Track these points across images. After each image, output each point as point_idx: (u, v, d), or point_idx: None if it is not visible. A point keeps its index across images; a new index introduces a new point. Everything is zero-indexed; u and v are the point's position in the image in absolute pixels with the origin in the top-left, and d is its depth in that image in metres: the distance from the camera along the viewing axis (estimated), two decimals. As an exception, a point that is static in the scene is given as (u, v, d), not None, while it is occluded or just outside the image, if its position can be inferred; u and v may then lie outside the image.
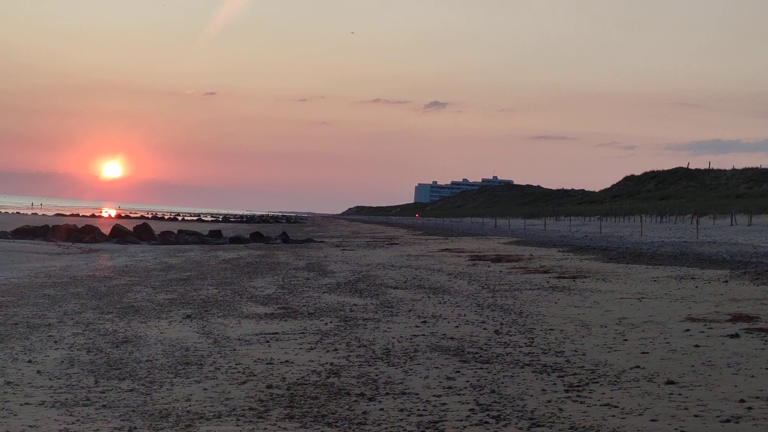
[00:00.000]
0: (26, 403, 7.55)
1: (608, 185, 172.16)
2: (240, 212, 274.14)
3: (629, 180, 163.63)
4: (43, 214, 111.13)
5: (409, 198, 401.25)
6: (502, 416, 7.01)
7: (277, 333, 11.53)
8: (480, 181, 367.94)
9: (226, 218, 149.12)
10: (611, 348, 10.10)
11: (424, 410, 7.25)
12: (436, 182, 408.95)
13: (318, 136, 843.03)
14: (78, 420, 7.00)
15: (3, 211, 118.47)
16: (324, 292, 16.83)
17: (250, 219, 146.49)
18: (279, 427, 6.83)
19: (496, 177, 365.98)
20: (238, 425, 6.85)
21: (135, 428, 6.76)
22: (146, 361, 9.55)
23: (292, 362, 9.44)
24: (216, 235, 48.43)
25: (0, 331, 11.51)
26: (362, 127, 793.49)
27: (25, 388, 8.13)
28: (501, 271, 21.65)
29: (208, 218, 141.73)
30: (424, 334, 11.32)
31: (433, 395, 7.80)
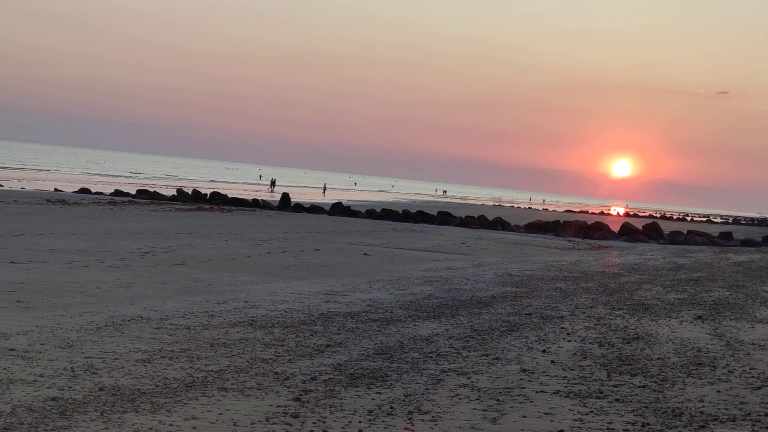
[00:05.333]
0: (541, 391, 7.82)
1: None
2: (752, 215, 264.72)
3: None
4: (553, 210, 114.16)
5: None
6: None
7: (794, 340, 11.04)
8: None
9: (737, 220, 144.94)
10: None
11: None
12: None
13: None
14: (591, 411, 7.14)
15: (516, 206, 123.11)
16: None
17: (761, 222, 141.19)
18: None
19: None
20: (753, 430, 6.65)
21: (648, 424, 6.77)
22: (657, 358, 9.54)
23: (812, 371, 9.00)
24: (726, 236, 47.18)
25: (515, 320, 12.02)
26: None
27: (540, 377, 8.43)
28: None
29: (718, 220, 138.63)
30: None
31: None
